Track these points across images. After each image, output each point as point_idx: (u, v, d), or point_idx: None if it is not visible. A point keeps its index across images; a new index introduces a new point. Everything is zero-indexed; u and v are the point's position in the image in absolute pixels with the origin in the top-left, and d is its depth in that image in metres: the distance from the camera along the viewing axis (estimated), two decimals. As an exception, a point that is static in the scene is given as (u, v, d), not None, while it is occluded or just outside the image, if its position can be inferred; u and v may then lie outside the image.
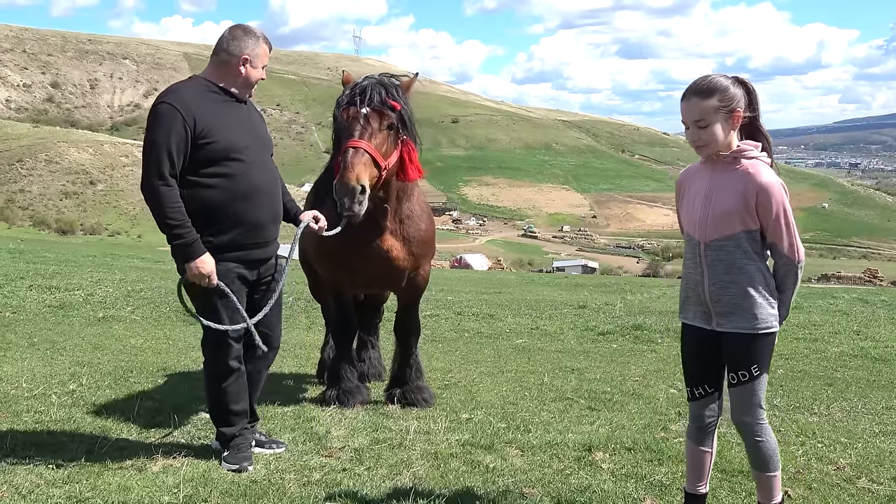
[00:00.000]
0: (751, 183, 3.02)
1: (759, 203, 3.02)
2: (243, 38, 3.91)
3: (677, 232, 58.12)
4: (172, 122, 3.68)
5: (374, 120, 4.43)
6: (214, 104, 3.85)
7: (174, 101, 3.74)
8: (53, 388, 5.60)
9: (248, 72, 3.92)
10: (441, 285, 16.85)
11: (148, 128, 3.76)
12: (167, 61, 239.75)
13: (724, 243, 3.08)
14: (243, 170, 3.85)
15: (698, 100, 3.06)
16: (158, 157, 3.66)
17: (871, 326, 11.20)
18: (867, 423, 5.44)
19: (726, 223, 3.06)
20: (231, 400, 4.01)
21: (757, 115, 3.14)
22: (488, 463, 4.08)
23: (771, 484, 3.21)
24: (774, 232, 3.03)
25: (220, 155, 3.79)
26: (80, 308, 10.69)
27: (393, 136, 4.53)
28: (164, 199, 3.67)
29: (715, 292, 3.12)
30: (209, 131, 3.76)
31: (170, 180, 3.68)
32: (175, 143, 3.68)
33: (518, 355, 8.28)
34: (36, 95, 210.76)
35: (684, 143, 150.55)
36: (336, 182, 4.27)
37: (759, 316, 3.05)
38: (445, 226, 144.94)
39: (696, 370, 3.28)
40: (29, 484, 3.50)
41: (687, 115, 3.09)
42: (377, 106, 4.45)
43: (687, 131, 3.14)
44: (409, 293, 5.44)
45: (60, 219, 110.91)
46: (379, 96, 4.47)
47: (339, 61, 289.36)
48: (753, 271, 3.06)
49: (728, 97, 3.05)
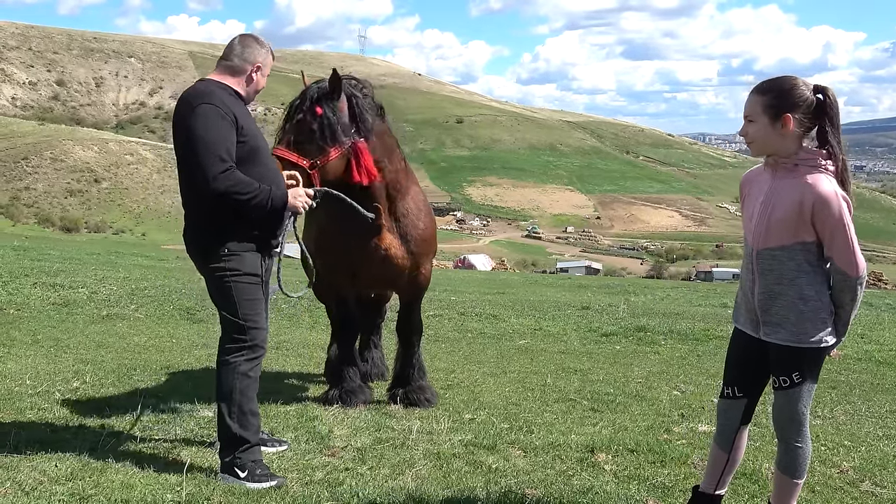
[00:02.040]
0: (808, 193, 2.93)
1: (816, 214, 2.92)
2: (256, 47, 3.99)
3: (681, 234, 58.21)
4: (221, 120, 3.70)
5: (294, 130, 4.46)
6: (241, 107, 3.92)
7: (215, 101, 3.74)
8: (57, 386, 5.61)
9: (258, 80, 4.01)
10: (444, 285, 16.85)
11: (194, 129, 3.68)
12: (172, 60, 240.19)
13: (776, 253, 3.01)
14: (267, 171, 3.92)
15: (754, 94, 3.04)
16: (217, 153, 3.63)
17: (876, 330, 11.17)
18: (871, 426, 5.43)
19: (781, 233, 2.99)
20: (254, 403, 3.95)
21: (828, 125, 2.99)
22: (491, 463, 4.08)
23: (793, 490, 3.20)
24: (830, 245, 2.95)
25: (253, 153, 3.86)
26: (83, 306, 10.71)
27: (316, 141, 4.46)
28: (237, 183, 3.64)
29: (763, 302, 3.06)
30: (246, 130, 3.82)
31: (232, 167, 3.68)
32: (228, 139, 3.70)
33: (521, 356, 8.28)
34: (41, 93, 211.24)
35: (689, 145, 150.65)
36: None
37: (807, 331, 2.99)
38: (449, 226, 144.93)
39: (733, 371, 3.26)
40: (32, 481, 3.51)
41: (744, 110, 3.08)
42: (309, 111, 4.49)
43: None
44: (411, 292, 5.44)
45: (65, 216, 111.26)
46: (311, 102, 4.50)
47: (343, 61, 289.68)
48: (804, 284, 2.98)
49: (782, 98, 2.97)
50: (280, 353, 7.78)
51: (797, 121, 2.98)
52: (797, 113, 2.97)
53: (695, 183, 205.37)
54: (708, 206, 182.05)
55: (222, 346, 3.87)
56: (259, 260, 3.88)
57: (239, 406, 3.78)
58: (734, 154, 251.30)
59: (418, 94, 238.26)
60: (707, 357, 8.65)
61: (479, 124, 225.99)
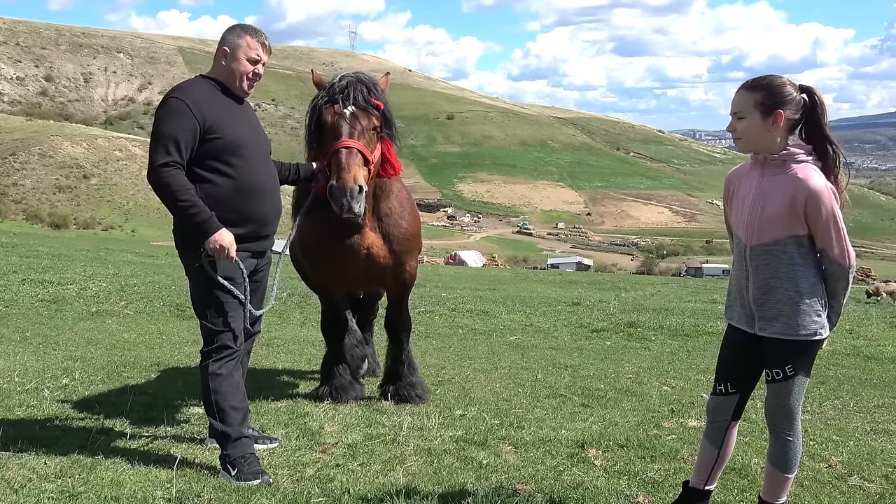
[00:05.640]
0: (800, 188, 2.97)
1: (809, 208, 2.96)
2: (228, 32, 3.97)
3: (671, 230, 58.30)
4: (181, 116, 3.73)
5: (361, 118, 4.48)
6: (220, 102, 3.90)
7: (183, 96, 3.79)
8: (46, 383, 5.59)
9: (230, 64, 3.92)
10: (435, 282, 16.86)
11: (156, 121, 3.80)
12: (162, 55, 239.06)
13: (770, 248, 3.04)
14: (248, 166, 3.90)
15: (743, 91, 3.06)
16: (166, 146, 3.70)
17: (864, 325, 11.26)
18: (859, 421, 5.47)
19: (773, 228, 3.02)
20: (232, 398, 3.95)
21: (817, 123, 3.06)
22: (481, 459, 4.08)
23: (784, 484, 3.22)
24: (824, 237, 2.99)
25: (226, 150, 3.83)
26: (73, 302, 10.66)
27: (376, 134, 4.60)
28: (172, 182, 3.68)
29: (759, 297, 3.08)
30: (216, 127, 3.80)
31: (176, 165, 3.71)
32: (182, 135, 3.71)
33: (512, 352, 8.29)
34: (29, 88, 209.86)
35: (679, 141, 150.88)
36: (333, 184, 4.30)
37: (803, 323, 3.02)
38: (440, 222, 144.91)
39: (725, 367, 3.27)
40: (21, 478, 3.49)
41: (732, 106, 3.10)
42: (362, 105, 4.52)
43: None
44: (397, 290, 5.45)
45: (54, 213, 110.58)
46: (362, 95, 4.53)
47: (333, 56, 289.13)
48: (799, 278, 3.02)
49: (773, 95, 3.01)
50: (271, 349, 7.77)
51: (786, 118, 3.02)
52: (787, 110, 3.02)
53: (685, 179, 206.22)
54: (698, 202, 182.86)
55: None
56: (233, 261, 3.86)
57: (216, 403, 3.83)
58: (724, 150, 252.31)
59: (409, 91, 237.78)
60: (697, 353, 8.70)
61: (469, 120, 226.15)
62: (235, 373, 3.92)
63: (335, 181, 4.30)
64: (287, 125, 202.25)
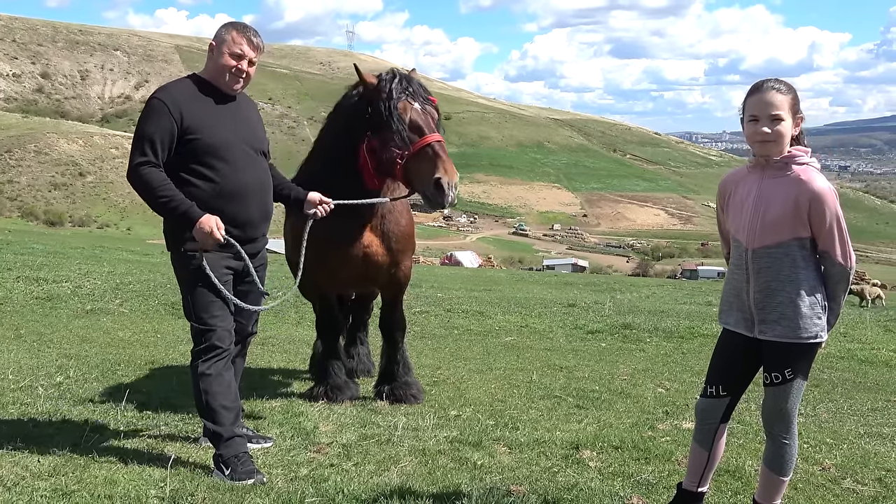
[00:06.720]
0: (803, 190, 2.96)
1: (812, 210, 2.95)
2: (219, 28, 3.97)
3: (667, 232, 58.36)
4: (159, 116, 3.76)
5: (433, 114, 4.61)
6: (203, 102, 3.88)
7: (163, 96, 3.83)
8: (40, 381, 5.57)
9: (216, 60, 3.91)
10: (431, 282, 16.86)
11: (138, 121, 3.87)
12: (159, 53, 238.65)
13: (772, 251, 3.03)
14: (229, 169, 3.87)
15: (778, 94, 3.01)
16: (142, 146, 3.75)
17: (858, 328, 11.29)
18: (853, 424, 5.48)
19: (776, 230, 3.01)
20: (223, 397, 3.93)
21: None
22: (476, 460, 4.08)
23: (779, 487, 3.22)
24: (827, 240, 2.98)
25: (206, 152, 3.82)
26: (67, 300, 10.63)
27: None
28: (150, 179, 3.72)
29: (760, 300, 3.07)
30: (194, 128, 3.80)
31: (153, 163, 3.74)
32: (160, 135, 3.74)
33: (507, 353, 8.29)
34: (26, 86, 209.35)
35: (676, 144, 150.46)
36: (445, 178, 4.32)
37: (804, 326, 3.01)
38: (436, 223, 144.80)
39: (718, 371, 3.26)
40: (14, 476, 3.48)
41: (763, 108, 3.00)
42: (429, 101, 4.63)
43: (750, 125, 3.04)
44: (392, 289, 5.44)
45: (49, 210, 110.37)
46: (426, 91, 4.63)
47: (330, 56, 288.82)
48: (801, 280, 3.01)
49: (797, 99, 3.06)
50: (266, 349, 7.76)
51: (801, 121, 3.08)
52: (802, 114, 3.07)
53: (681, 181, 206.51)
54: (694, 205, 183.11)
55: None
56: (220, 260, 3.85)
57: (207, 403, 3.81)
58: (720, 153, 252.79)
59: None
60: (692, 355, 8.71)
61: (466, 121, 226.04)
62: (226, 372, 3.89)
63: (442, 174, 4.32)
64: (284, 124, 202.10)
